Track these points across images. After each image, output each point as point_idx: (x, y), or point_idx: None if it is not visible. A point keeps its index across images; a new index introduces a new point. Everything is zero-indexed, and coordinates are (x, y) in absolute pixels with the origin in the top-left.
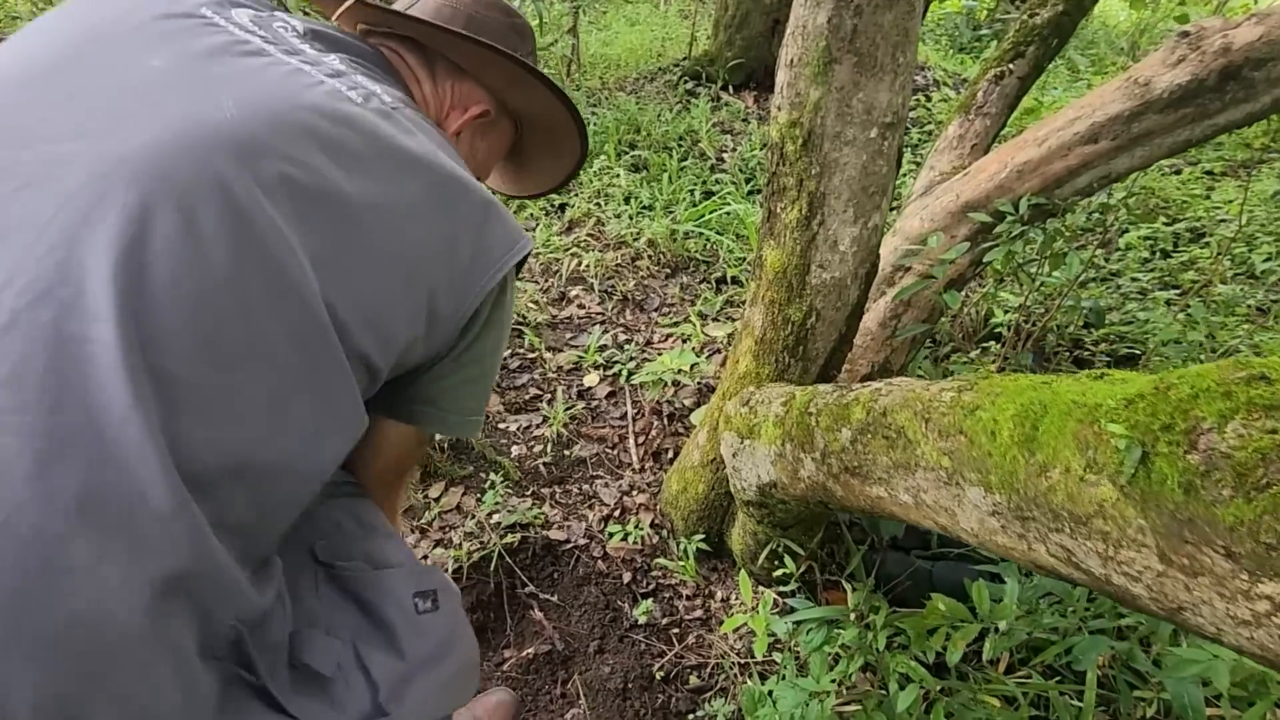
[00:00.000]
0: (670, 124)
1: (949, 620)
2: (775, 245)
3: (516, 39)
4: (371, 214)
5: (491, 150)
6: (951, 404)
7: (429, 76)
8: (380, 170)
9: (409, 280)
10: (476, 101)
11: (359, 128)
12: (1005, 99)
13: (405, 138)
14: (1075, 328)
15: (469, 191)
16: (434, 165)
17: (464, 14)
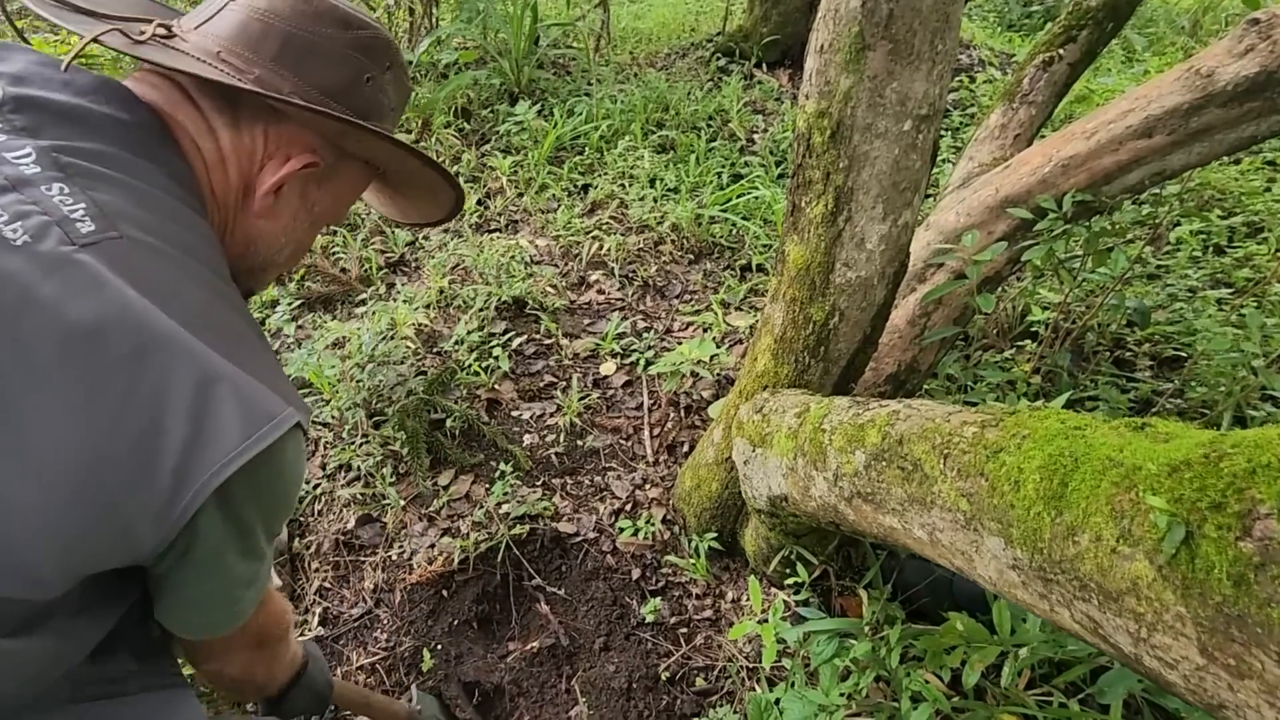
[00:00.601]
0: (700, 103)
1: (967, 640)
2: (798, 241)
3: (360, 61)
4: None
5: (339, 197)
6: (974, 441)
7: (229, 120)
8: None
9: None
10: (301, 149)
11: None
12: (1053, 86)
13: (78, 301)
14: (1118, 327)
15: (180, 361)
16: (122, 331)
17: (280, 32)
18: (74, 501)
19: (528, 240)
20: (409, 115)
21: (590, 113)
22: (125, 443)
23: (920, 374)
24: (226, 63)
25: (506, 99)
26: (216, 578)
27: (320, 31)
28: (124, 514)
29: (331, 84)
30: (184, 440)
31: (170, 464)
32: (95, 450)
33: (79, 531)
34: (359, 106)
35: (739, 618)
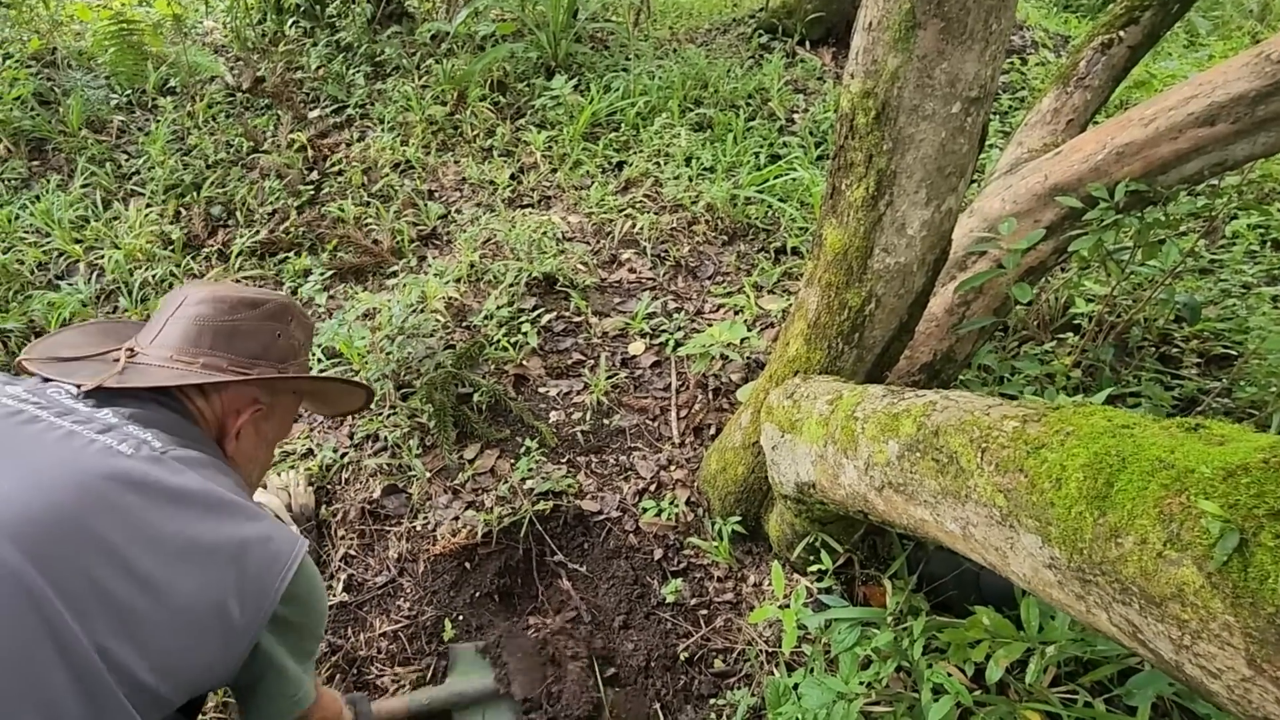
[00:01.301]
0: (740, 80)
1: (993, 635)
2: (837, 224)
3: (271, 325)
4: (150, 560)
5: (282, 421)
6: (1014, 436)
7: (199, 393)
8: (155, 514)
9: (201, 608)
10: (248, 403)
11: (132, 479)
12: (1111, 70)
13: (174, 478)
14: (1165, 322)
15: (242, 512)
16: (203, 494)
17: (210, 329)
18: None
19: (560, 216)
20: (444, 88)
21: (627, 88)
22: (223, 567)
23: (956, 364)
24: (179, 362)
25: (543, 73)
26: (280, 673)
27: (237, 317)
28: (230, 621)
29: (256, 349)
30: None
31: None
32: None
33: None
34: (278, 356)
35: (760, 602)
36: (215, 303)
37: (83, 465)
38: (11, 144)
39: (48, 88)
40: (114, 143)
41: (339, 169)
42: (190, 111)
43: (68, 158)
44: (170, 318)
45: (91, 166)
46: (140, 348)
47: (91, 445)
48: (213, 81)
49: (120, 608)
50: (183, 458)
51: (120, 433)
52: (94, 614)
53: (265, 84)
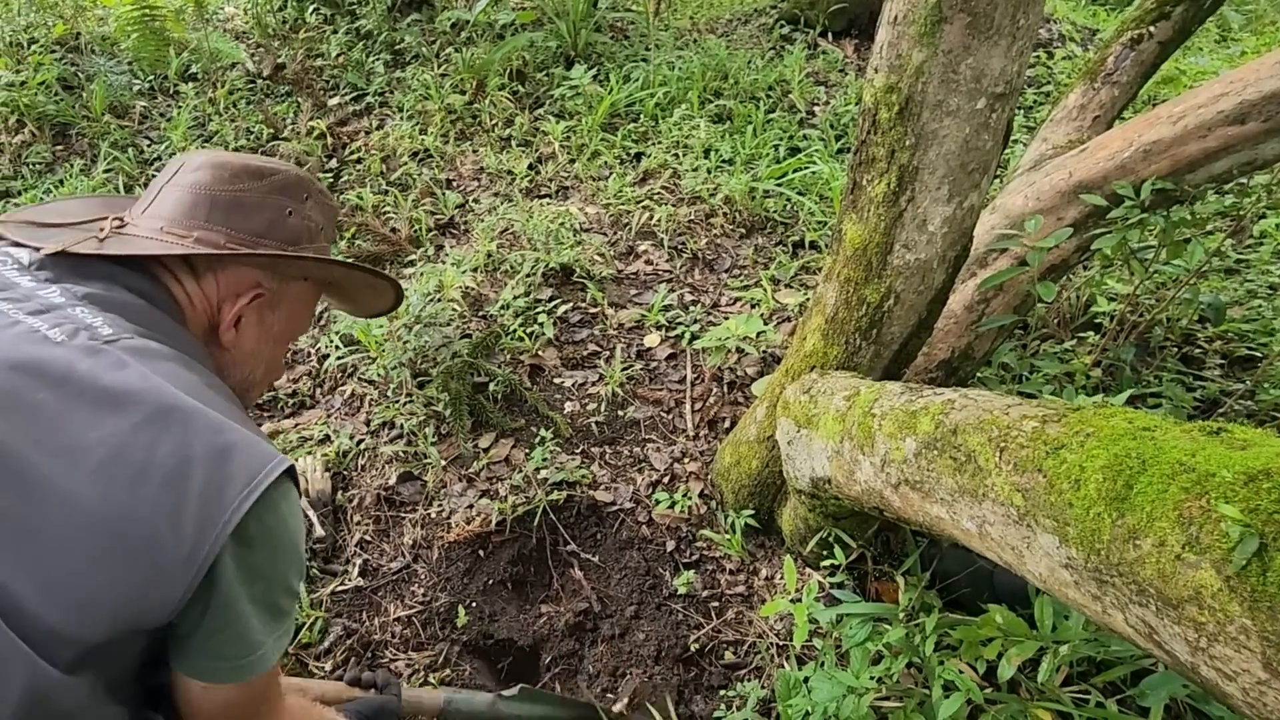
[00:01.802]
0: (760, 72)
1: (1005, 633)
2: (857, 219)
3: (279, 199)
4: (60, 470)
5: (293, 314)
6: (1033, 436)
7: (189, 273)
8: (72, 417)
9: (115, 538)
10: (247, 286)
11: (49, 372)
12: (1140, 66)
13: (111, 374)
14: (1188, 322)
15: (193, 420)
16: (145, 397)
17: (207, 198)
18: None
19: (578, 207)
20: (463, 77)
21: (647, 79)
22: (155, 490)
23: (974, 361)
24: (170, 234)
25: (562, 62)
26: (233, 624)
27: (240, 187)
28: (156, 558)
29: (258, 226)
30: (202, 489)
31: (192, 514)
32: (124, 498)
33: (111, 566)
34: (286, 237)
35: (771, 595)
36: (215, 169)
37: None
38: (36, 128)
39: (72, 73)
40: (136, 128)
41: (358, 157)
42: (211, 98)
43: (91, 143)
44: (165, 185)
45: (114, 152)
46: (130, 218)
47: (14, 328)
48: (234, 68)
49: (15, 530)
50: (135, 349)
51: (60, 315)
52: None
53: (285, 71)
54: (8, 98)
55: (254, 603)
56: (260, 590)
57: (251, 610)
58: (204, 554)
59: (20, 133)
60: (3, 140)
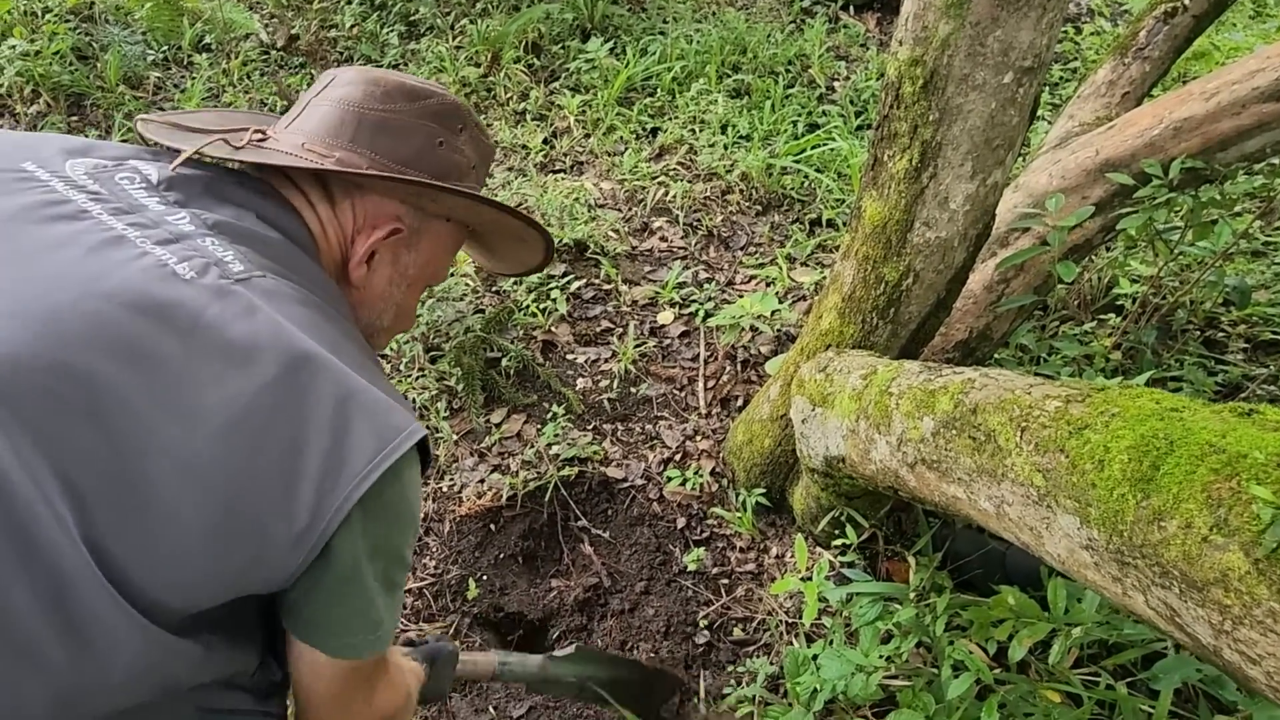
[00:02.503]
0: (780, 46)
1: (1017, 615)
2: (877, 196)
3: (430, 127)
4: (178, 434)
5: (431, 258)
6: (1055, 416)
7: (324, 198)
8: (197, 373)
9: (223, 511)
10: (385, 218)
11: (174, 318)
12: (1173, 41)
13: (239, 322)
14: (1212, 305)
15: (322, 381)
16: (275, 350)
17: (354, 116)
18: (213, 512)
19: (592, 183)
20: (478, 49)
21: (664, 52)
22: (272, 461)
23: (992, 342)
24: (311, 151)
25: (578, 35)
26: (352, 600)
27: (390, 108)
28: (269, 532)
29: (405, 153)
30: (323, 460)
31: (311, 482)
32: (240, 467)
33: (217, 540)
34: (434, 169)
35: (781, 574)
36: (368, 85)
37: (111, 288)
38: (51, 98)
39: (86, 43)
40: (150, 99)
41: None
42: (225, 69)
43: (105, 113)
44: (313, 100)
45: (129, 123)
46: (273, 132)
47: (141, 260)
48: (247, 39)
49: (127, 498)
50: (267, 290)
51: (189, 245)
52: (94, 506)
53: (299, 42)
54: (23, 67)
55: (375, 579)
56: (380, 567)
57: (372, 586)
58: (320, 531)
59: (35, 103)
60: (18, 110)
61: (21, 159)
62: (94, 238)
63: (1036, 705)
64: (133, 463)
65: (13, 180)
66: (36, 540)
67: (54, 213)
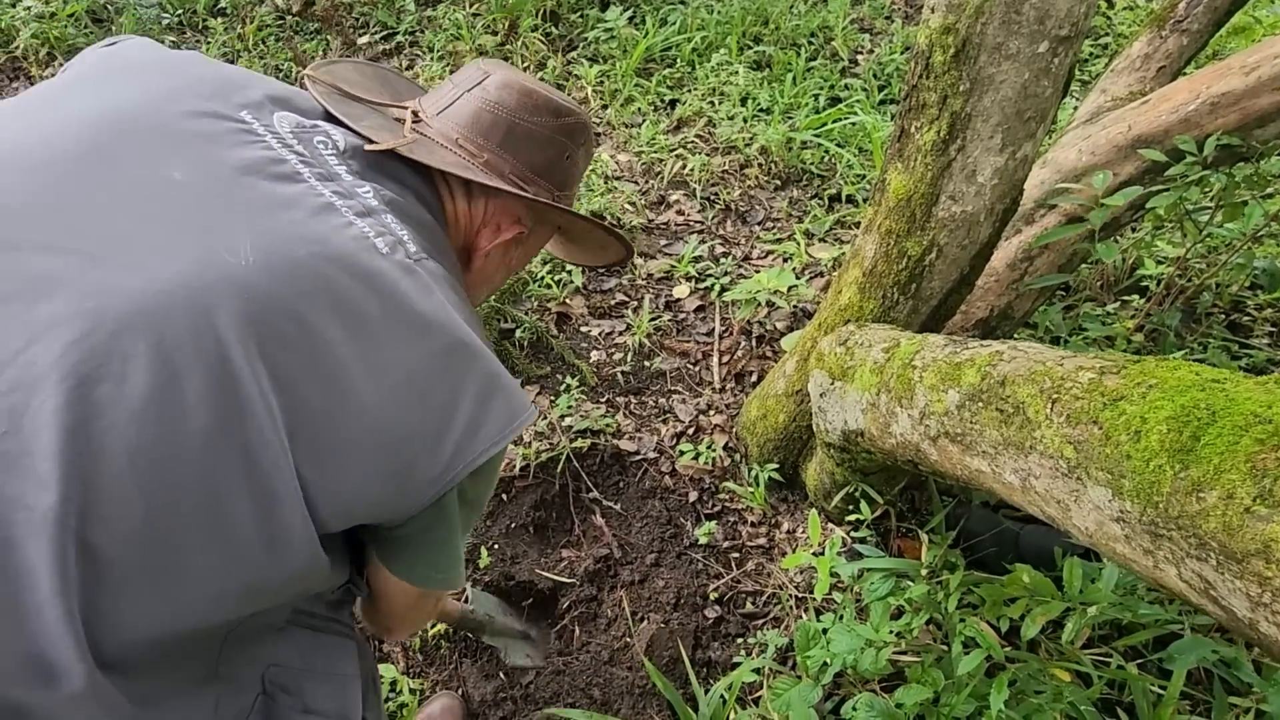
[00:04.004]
0: (803, 17)
1: (1031, 593)
2: (902, 169)
3: (564, 143)
4: (369, 384)
5: (530, 251)
6: (1089, 387)
7: (464, 192)
8: (390, 335)
9: (390, 454)
10: (511, 221)
11: (379, 286)
12: (1213, 14)
13: (422, 299)
14: (1239, 288)
15: (476, 360)
16: (446, 329)
17: (505, 122)
18: (384, 453)
19: (609, 154)
20: (495, 17)
21: (684, 23)
22: (431, 416)
23: (1013, 321)
24: (463, 148)
25: (597, 3)
26: (449, 541)
27: (537, 120)
28: (413, 472)
29: (540, 163)
30: (467, 422)
31: (454, 439)
32: (408, 419)
33: (380, 477)
34: (559, 179)
35: (792, 548)
36: (520, 94)
37: (334, 251)
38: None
39: (100, 6)
40: None
41: None
42: (240, 34)
43: None
44: (465, 93)
45: None
46: (425, 115)
47: (349, 230)
48: (262, 3)
49: (321, 431)
50: (434, 273)
51: (378, 222)
52: (303, 436)
53: (315, 7)
54: (38, 29)
55: (465, 526)
56: (470, 516)
57: (461, 531)
58: (448, 480)
59: (50, 65)
60: (34, 73)
61: (238, 105)
62: (312, 202)
63: (1046, 684)
64: (334, 404)
65: (237, 132)
66: (261, 464)
67: (277, 171)
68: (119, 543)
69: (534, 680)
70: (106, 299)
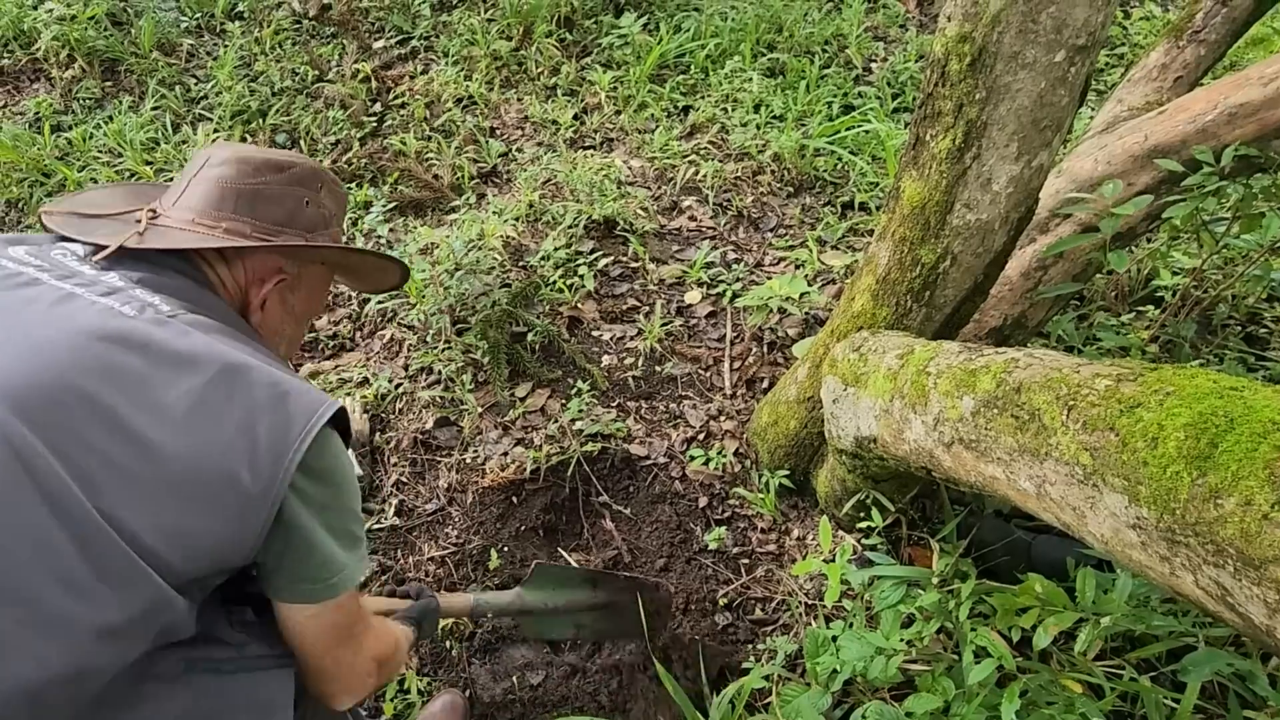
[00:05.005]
0: (817, 25)
1: (1043, 603)
2: (917, 176)
3: (298, 190)
4: (157, 424)
5: (311, 295)
6: (1106, 394)
7: (220, 260)
8: (160, 379)
9: (210, 478)
10: (271, 271)
11: (134, 342)
12: (1231, 24)
13: (179, 340)
14: (1255, 300)
15: (253, 375)
16: (211, 358)
17: (233, 191)
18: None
19: (622, 160)
20: (510, 22)
21: (698, 29)
22: (233, 434)
23: (1026, 330)
24: (201, 225)
25: (612, 9)
26: (316, 551)
27: (262, 180)
28: (240, 488)
29: (281, 216)
30: (269, 427)
31: (264, 453)
32: (211, 441)
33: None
34: (306, 225)
35: (802, 555)
36: (239, 164)
37: (79, 326)
38: (86, 64)
39: (120, 9)
40: (183, 66)
41: (402, 101)
42: (257, 37)
43: (139, 80)
44: (193, 179)
45: (162, 89)
46: (162, 209)
47: (91, 307)
48: (280, 7)
49: (123, 474)
50: (192, 322)
51: (125, 295)
52: (97, 480)
53: (331, 12)
54: (59, 31)
55: (328, 530)
56: (331, 518)
57: (327, 536)
58: (275, 489)
59: (71, 67)
60: (54, 75)
61: None
62: (51, 295)
63: (1058, 695)
64: (132, 449)
65: None
66: (64, 506)
67: (15, 281)
68: None
69: (543, 683)
70: None
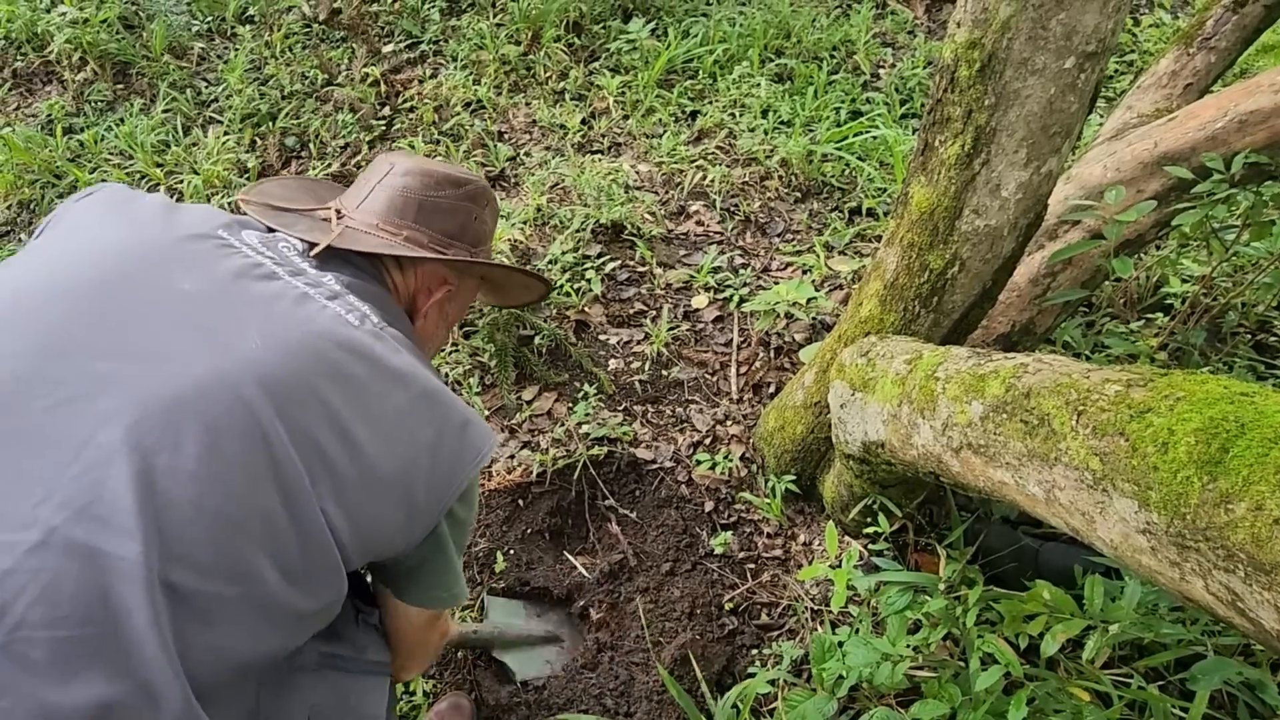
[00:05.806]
0: (825, 31)
1: (1051, 610)
2: (926, 182)
3: (469, 207)
4: (368, 430)
5: (463, 304)
6: (1116, 399)
7: (397, 266)
8: (377, 389)
9: (395, 486)
10: (440, 282)
11: (360, 352)
12: (1241, 32)
13: (394, 357)
14: (1266, 308)
15: (446, 401)
16: (417, 379)
17: (415, 201)
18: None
19: (630, 164)
20: (518, 27)
21: (706, 35)
22: (422, 451)
23: (1035, 337)
24: (384, 230)
25: (620, 15)
26: (450, 564)
27: (441, 193)
28: (415, 499)
29: (453, 228)
30: (451, 451)
31: (441, 474)
32: (404, 455)
33: (390, 507)
34: (473, 238)
35: (808, 560)
36: (422, 176)
37: (319, 330)
38: (98, 66)
39: (132, 12)
40: (194, 69)
41: (411, 105)
42: (268, 41)
43: (150, 82)
44: (377, 185)
45: (173, 92)
46: (346, 211)
47: (323, 312)
48: (290, 11)
49: (336, 474)
50: (396, 336)
51: (345, 302)
52: (317, 476)
53: (341, 16)
54: (72, 34)
55: (459, 547)
56: (460, 537)
57: (456, 552)
58: (441, 506)
59: (83, 70)
60: (66, 77)
61: (215, 227)
62: (292, 293)
63: (1065, 703)
64: (345, 449)
65: (220, 247)
66: (297, 499)
67: (259, 274)
68: (195, 578)
69: (548, 685)
70: (151, 390)
